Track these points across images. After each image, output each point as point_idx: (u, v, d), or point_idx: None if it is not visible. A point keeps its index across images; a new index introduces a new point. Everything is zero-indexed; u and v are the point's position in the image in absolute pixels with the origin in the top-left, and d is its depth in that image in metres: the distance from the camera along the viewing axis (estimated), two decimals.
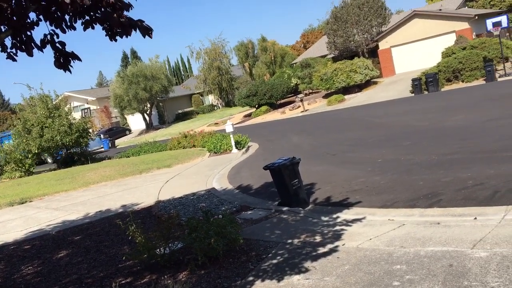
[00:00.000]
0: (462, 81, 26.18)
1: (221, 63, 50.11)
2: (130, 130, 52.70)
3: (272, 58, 48.18)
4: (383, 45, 37.14)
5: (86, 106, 53.97)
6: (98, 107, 53.16)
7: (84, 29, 4.51)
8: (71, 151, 24.81)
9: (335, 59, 39.27)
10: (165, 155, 19.90)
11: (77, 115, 29.30)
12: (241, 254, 5.95)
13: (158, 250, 5.94)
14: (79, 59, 4.26)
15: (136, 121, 53.74)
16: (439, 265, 4.55)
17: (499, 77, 24.16)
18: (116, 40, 4.59)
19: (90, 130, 26.79)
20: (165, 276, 5.51)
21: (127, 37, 4.48)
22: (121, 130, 50.53)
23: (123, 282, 5.61)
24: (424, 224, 6.12)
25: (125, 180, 15.17)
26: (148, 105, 49.11)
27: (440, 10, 35.76)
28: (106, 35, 4.57)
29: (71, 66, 4.21)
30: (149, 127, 49.51)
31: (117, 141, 42.14)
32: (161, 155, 20.33)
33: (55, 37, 4.14)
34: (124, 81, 45.26)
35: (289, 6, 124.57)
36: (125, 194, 12.34)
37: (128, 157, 23.30)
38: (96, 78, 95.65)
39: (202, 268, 5.57)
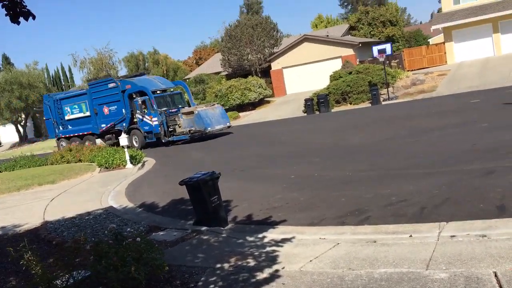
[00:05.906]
0: (350, 103, 27.61)
1: (108, 74, 47.38)
2: (0, 143, 47.26)
3: (165, 71, 46.73)
4: (275, 65, 38.04)
5: None
6: None
7: None
8: None
9: (228, 77, 39.27)
10: (47, 170, 17.68)
11: None
12: (164, 284, 5.04)
13: (59, 281, 4.78)
14: None
15: (7, 133, 48.46)
16: None
17: (383, 100, 25.88)
18: None
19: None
20: None
21: None
22: None
23: None
24: (360, 242, 5.76)
25: None
26: (23, 116, 44.56)
27: (328, 36, 37.74)
28: None
29: None
30: (23, 140, 44.93)
31: None
32: (41, 170, 18.03)
33: None
34: None
35: (181, 22, 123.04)
36: (1, 214, 10.46)
37: (0, 171, 20.38)
38: None
39: None
